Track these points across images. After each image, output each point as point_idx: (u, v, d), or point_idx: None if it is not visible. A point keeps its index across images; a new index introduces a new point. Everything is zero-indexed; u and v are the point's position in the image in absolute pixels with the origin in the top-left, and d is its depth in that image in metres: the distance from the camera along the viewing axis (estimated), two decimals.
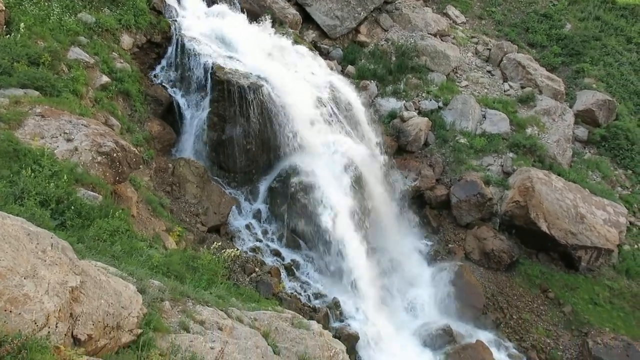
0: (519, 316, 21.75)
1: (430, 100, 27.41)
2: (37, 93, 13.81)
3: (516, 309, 21.99)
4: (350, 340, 17.83)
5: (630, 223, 25.35)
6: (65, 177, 11.01)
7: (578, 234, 22.86)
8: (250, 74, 20.54)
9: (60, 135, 12.78)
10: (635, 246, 24.78)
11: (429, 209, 24.79)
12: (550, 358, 20.68)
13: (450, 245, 23.75)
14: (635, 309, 22.71)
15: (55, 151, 11.97)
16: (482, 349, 19.66)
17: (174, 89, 21.03)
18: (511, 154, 25.75)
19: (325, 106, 21.90)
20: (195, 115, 20.76)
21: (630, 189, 27.28)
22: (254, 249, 19.85)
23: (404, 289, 21.98)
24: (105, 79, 17.54)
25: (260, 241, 20.48)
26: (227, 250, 13.08)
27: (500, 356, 20.25)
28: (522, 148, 25.88)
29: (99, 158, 12.82)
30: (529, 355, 20.58)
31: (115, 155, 13.12)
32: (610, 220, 23.74)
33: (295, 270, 19.97)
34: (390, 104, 27.05)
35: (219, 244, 14.17)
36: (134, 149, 14.47)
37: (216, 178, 21.19)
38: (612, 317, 22.14)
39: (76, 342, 4.88)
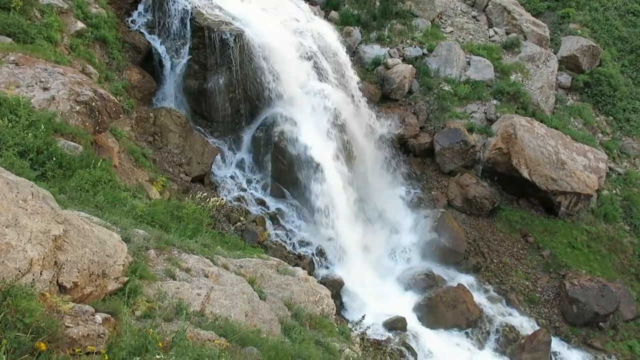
0: (499, 260, 22.33)
1: (415, 46, 27.01)
2: (9, 40, 13.31)
3: (497, 253, 22.56)
4: (335, 286, 18.23)
5: (610, 169, 25.78)
6: (43, 127, 10.78)
7: (558, 179, 23.23)
8: (231, 20, 19.97)
9: (36, 84, 12.43)
10: (614, 191, 25.32)
11: (413, 156, 24.89)
12: (528, 299, 21.41)
13: (433, 193, 24.02)
14: (611, 251, 23.44)
15: (31, 100, 11.66)
16: (463, 292, 20.26)
17: (153, 35, 20.41)
18: (495, 101, 25.73)
19: (308, 53, 21.50)
20: (176, 63, 20.26)
21: (611, 135, 27.60)
22: (238, 199, 19.89)
23: (388, 235, 22.35)
24: (80, 25, 16.93)
25: (245, 190, 20.50)
26: (212, 199, 13.08)
27: (481, 299, 20.91)
28: (506, 95, 25.84)
29: (78, 107, 12.53)
30: (508, 297, 21.27)
31: (94, 104, 12.84)
32: (590, 166, 24.11)
33: (280, 219, 20.13)
34: (374, 50, 26.61)
35: (204, 194, 14.15)
36: (114, 98, 14.15)
37: (199, 127, 20.95)
38: (589, 260, 22.84)
39: (62, 289, 4.89)
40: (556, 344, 20.17)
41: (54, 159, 10.39)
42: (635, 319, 21.51)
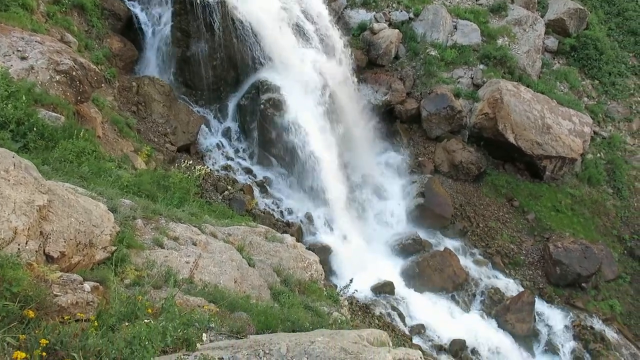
0: (485, 224, 22.64)
1: (401, 11, 26.68)
2: None
3: (483, 217, 22.84)
4: (324, 252, 18.39)
5: (595, 132, 25.99)
6: (23, 98, 10.56)
7: (544, 144, 23.40)
8: None
9: (14, 53, 12.12)
10: (598, 155, 25.60)
11: (400, 123, 24.86)
12: (513, 262, 21.81)
13: (420, 159, 24.10)
14: (595, 214, 23.84)
15: (9, 70, 11.38)
16: (450, 256, 20.58)
17: (132, 2, 19.91)
18: (481, 66, 25.64)
19: (292, 19, 21.14)
20: (157, 30, 19.84)
21: (596, 99, 27.72)
22: (225, 167, 19.82)
23: (375, 202, 22.49)
24: None
25: (232, 159, 20.41)
26: (197, 167, 13.01)
27: (467, 262, 21.26)
28: (493, 59, 25.74)
29: (58, 77, 12.28)
30: (494, 260, 21.64)
31: (74, 73, 12.58)
32: (575, 130, 24.28)
33: (267, 187, 20.13)
34: (360, 15, 26.25)
35: (190, 162, 14.05)
36: (94, 67, 13.87)
37: (183, 96, 20.67)
38: (572, 223, 23.24)
39: (49, 259, 4.88)
40: (540, 305, 20.67)
41: (35, 130, 10.22)
42: (616, 279, 22.06)
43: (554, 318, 20.48)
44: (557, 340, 19.86)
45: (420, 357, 4.56)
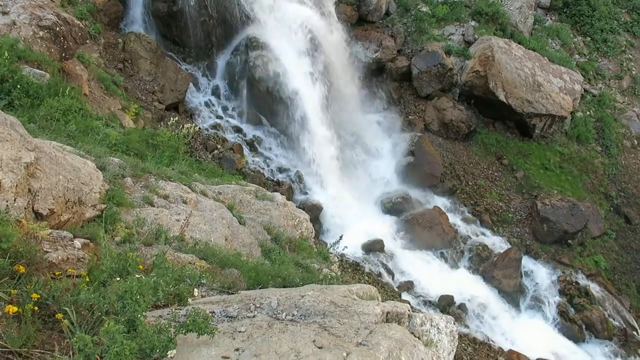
0: (474, 182, 22.81)
1: None
2: None
3: (472, 176, 22.99)
4: (314, 211, 18.49)
5: (585, 90, 25.95)
6: (6, 54, 10.35)
7: (534, 102, 23.38)
8: None
9: None
10: (588, 113, 25.64)
11: (390, 81, 24.63)
12: (501, 220, 22.11)
13: (410, 117, 24.03)
14: (583, 172, 24.08)
15: None
16: (439, 214, 20.81)
17: None
18: (473, 23, 25.28)
19: None
20: None
21: (588, 56, 27.56)
22: (214, 126, 19.65)
23: (366, 160, 22.52)
24: None
25: (221, 118, 20.23)
26: (185, 125, 12.90)
27: (456, 220, 21.51)
28: (485, 16, 25.37)
29: (41, 33, 11.98)
30: (482, 217, 21.91)
31: (58, 29, 12.28)
32: (565, 87, 24.22)
33: (257, 146, 20.05)
34: None
35: (175, 119, 13.91)
36: (78, 22, 13.53)
37: (170, 53, 20.27)
38: (560, 181, 23.48)
39: (38, 216, 4.87)
40: (526, 261, 21.08)
41: (20, 87, 10.06)
42: (602, 235, 22.50)
43: (540, 274, 20.93)
44: (543, 296, 20.35)
45: (409, 310, 4.65)
